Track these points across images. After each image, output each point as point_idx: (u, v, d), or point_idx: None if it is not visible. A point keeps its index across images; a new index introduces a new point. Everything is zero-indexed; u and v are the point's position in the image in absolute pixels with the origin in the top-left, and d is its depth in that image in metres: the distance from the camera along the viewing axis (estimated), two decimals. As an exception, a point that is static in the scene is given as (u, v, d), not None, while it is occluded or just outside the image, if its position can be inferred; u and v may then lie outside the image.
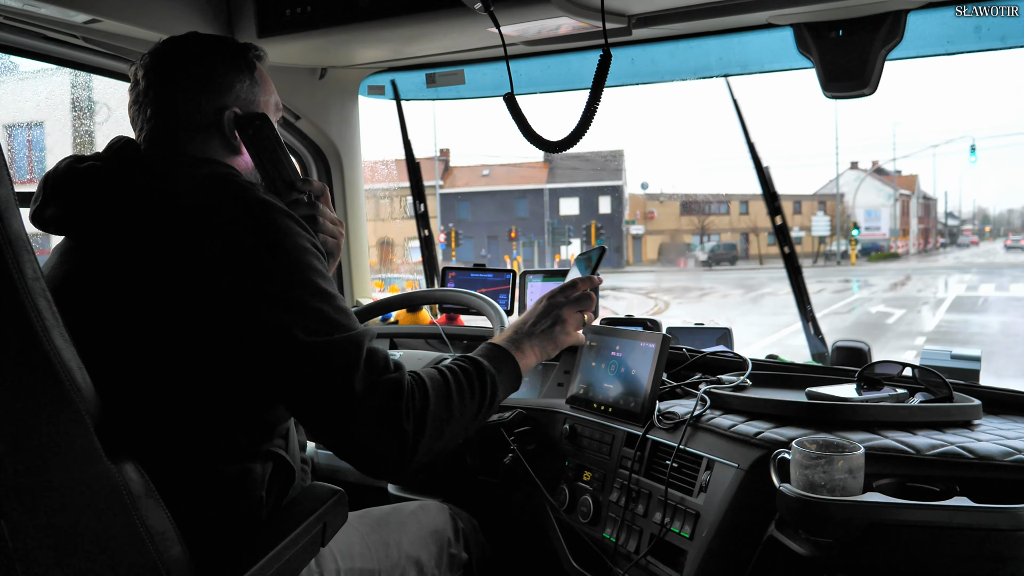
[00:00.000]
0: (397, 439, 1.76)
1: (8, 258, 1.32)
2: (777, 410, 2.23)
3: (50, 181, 1.87)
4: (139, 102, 2.00)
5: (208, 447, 1.77)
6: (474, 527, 2.57)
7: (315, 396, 1.72)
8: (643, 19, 2.72)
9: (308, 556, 1.89)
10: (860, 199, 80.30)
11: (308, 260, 1.78)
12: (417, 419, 1.80)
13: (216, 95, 1.99)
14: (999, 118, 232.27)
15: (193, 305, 1.69)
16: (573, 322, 2.28)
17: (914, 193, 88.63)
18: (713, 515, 2.11)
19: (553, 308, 2.27)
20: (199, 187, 1.78)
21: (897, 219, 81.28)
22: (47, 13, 2.56)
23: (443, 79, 3.67)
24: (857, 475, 1.80)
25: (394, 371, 1.80)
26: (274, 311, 1.70)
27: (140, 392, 1.71)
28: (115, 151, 1.92)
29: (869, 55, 2.56)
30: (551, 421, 2.80)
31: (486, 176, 66.09)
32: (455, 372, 1.98)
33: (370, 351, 1.78)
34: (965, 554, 1.71)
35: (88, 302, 1.75)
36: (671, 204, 72.94)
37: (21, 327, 1.35)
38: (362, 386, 1.72)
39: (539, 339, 2.22)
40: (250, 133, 2.01)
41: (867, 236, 78.50)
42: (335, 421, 1.73)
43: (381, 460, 1.78)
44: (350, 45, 3.22)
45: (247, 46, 2.08)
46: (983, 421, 2.20)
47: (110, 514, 1.48)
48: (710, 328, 3.48)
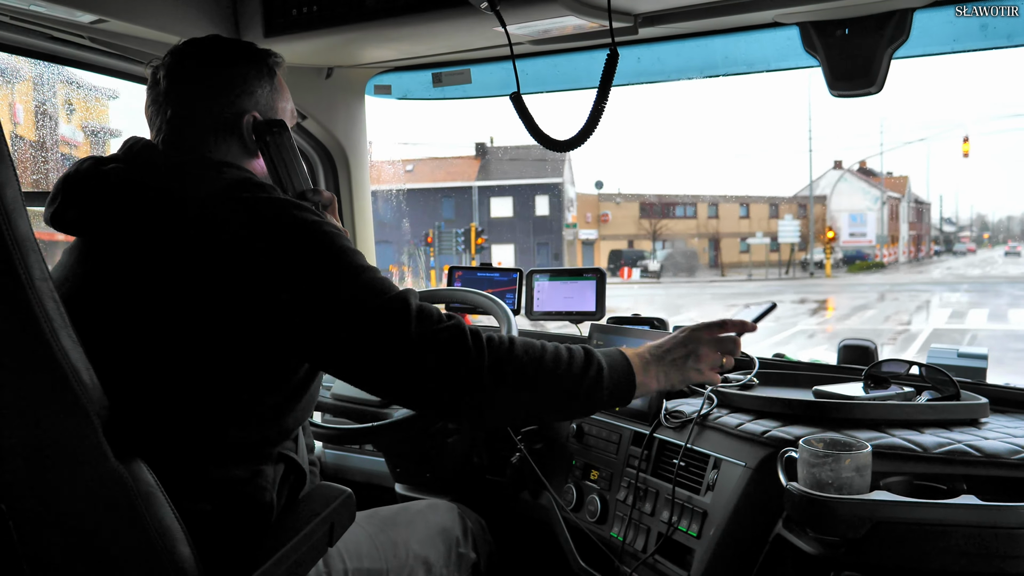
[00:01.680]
0: (474, 378, 1.75)
1: (16, 259, 1.32)
2: (784, 408, 2.23)
3: (71, 182, 1.85)
4: (158, 102, 1.99)
5: (218, 448, 1.77)
6: (482, 527, 2.57)
7: (372, 355, 1.73)
8: (649, 18, 2.72)
9: (316, 556, 1.89)
10: (845, 202, 74.31)
11: (341, 244, 1.78)
12: (492, 358, 1.78)
13: (237, 99, 1.99)
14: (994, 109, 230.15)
15: (216, 308, 1.70)
16: (708, 360, 2.11)
17: (904, 196, 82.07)
18: (720, 514, 2.11)
19: (692, 341, 2.11)
20: (223, 191, 1.78)
21: (885, 224, 72.84)
22: (53, 13, 2.56)
23: (449, 78, 3.67)
24: (864, 473, 1.80)
25: (450, 320, 1.79)
26: (326, 298, 1.71)
27: (151, 393, 1.71)
28: (135, 153, 1.91)
29: (875, 54, 2.56)
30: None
31: (410, 172, 54.34)
32: (557, 345, 1.92)
33: (420, 306, 1.78)
34: (972, 552, 1.71)
35: (107, 303, 1.76)
36: (629, 206, 65.36)
37: (29, 328, 1.35)
38: (419, 332, 1.72)
39: (667, 367, 2.07)
40: (267, 140, 2.01)
41: (851, 243, 72.47)
42: (405, 374, 1.74)
43: (459, 402, 1.78)
44: (356, 45, 3.21)
45: (268, 52, 2.08)
46: (990, 419, 2.20)
47: (118, 514, 1.49)
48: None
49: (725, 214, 68.49)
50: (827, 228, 51.48)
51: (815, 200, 67.55)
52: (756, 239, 61.42)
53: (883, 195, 73.06)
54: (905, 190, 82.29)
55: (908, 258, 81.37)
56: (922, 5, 2.50)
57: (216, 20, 3.00)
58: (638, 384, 2.00)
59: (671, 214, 66.70)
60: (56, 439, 1.43)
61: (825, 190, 72.74)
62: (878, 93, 2.63)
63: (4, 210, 1.29)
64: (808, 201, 66.58)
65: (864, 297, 36.69)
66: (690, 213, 67.52)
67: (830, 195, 72.34)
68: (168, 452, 1.67)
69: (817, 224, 62.92)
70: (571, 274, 3.45)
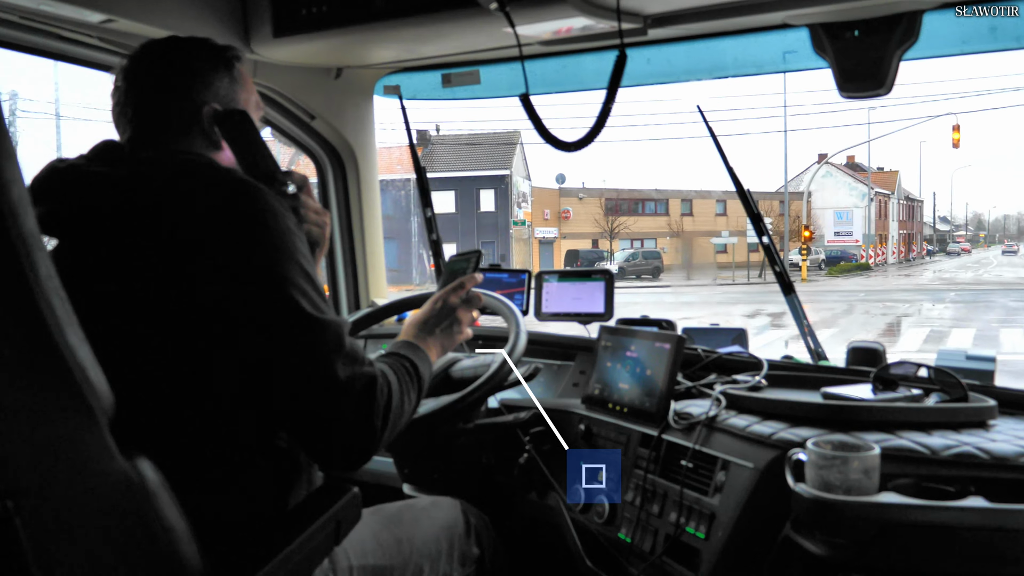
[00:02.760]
0: (370, 435, 1.81)
1: (22, 256, 1.32)
2: (792, 410, 2.23)
3: (34, 185, 1.87)
4: (120, 103, 2.00)
5: (221, 444, 1.77)
6: (486, 523, 2.57)
7: (300, 378, 1.74)
8: (658, 19, 2.72)
9: (322, 555, 1.89)
10: (829, 198, 70.13)
11: (293, 240, 1.79)
12: (383, 416, 1.84)
13: (195, 92, 1.99)
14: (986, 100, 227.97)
15: (189, 293, 1.70)
16: (466, 320, 2.36)
17: (894, 192, 78.12)
18: (728, 515, 2.11)
19: (448, 308, 2.32)
20: (179, 174, 1.80)
21: (872, 222, 67.97)
22: (62, 13, 2.57)
23: (459, 79, 3.67)
24: (872, 475, 1.80)
25: (368, 365, 1.84)
26: (262, 285, 1.73)
27: (150, 389, 1.71)
28: (97, 152, 1.93)
29: (885, 55, 2.56)
30: (567, 421, 2.80)
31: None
32: (403, 368, 2.03)
33: (350, 340, 1.82)
34: (980, 554, 1.71)
35: (84, 302, 1.76)
36: (594, 202, 59.98)
37: (35, 325, 1.35)
38: (344, 374, 1.75)
39: (439, 338, 2.28)
40: (228, 128, 2.02)
41: (836, 243, 68.83)
42: (319, 411, 1.76)
43: (350, 453, 1.82)
44: (365, 45, 3.22)
45: (225, 47, 2.09)
46: (998, 421, 2.20)
47: (124, 511, 1.49)
48: (725, 328, 3.47)
49: (701, 211, 64.63)
50: (803, 227, 45.62)
51: (798, 196, 61.19)
52: (721, 238, 55.85)
53: (871, 191, 69.53)
54: (895, 186, 78.94)
55: (898, 259, 77.69)
56: (932, 7, 2.50)
57: (225, 19, 3.01)
58: (432, 365, 2.22)
59: (640, 211, 62.76)
60: (62, 436, 1.43)
61: (809, 185, 64.11)
62: (887, 95, 2.63)
63: (10, 207, 1.29)
64: (795, 197, 60.88)
65: (831, 308, 30.38)
66: (661, 210, 63.68)
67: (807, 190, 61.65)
68: (171, 448, 1.67)
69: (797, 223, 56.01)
70: (580, 275, 3.46)
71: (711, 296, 39.54)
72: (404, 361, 2.06)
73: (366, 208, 4.19)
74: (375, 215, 4.26)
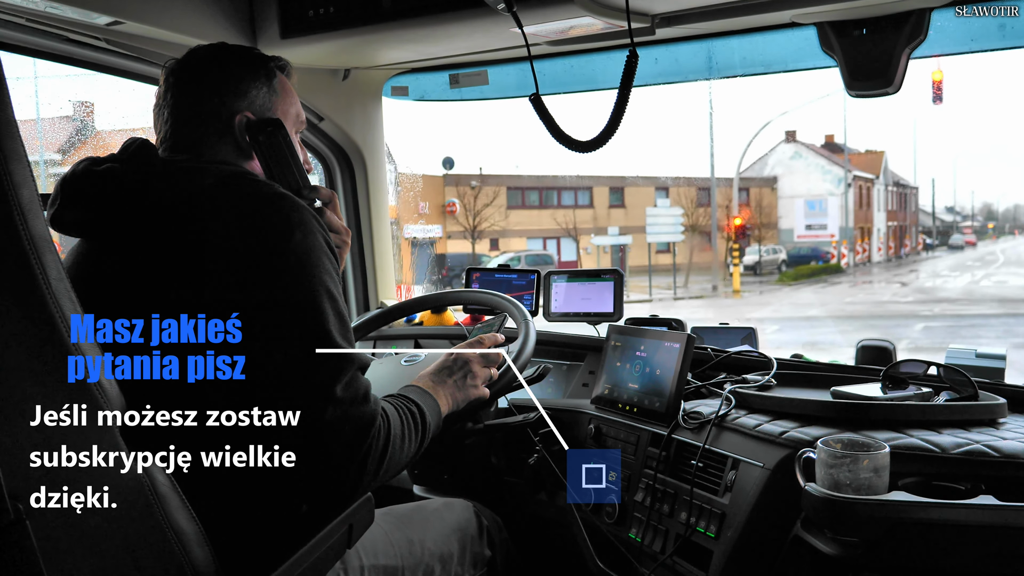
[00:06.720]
0: (358, 475, 1.82)
1: (32, 259, 1.32)
2: (802, 409, 2.23)
3: (68, 184, 1.87)
4: (159, 105, 2.03)
5: (235, 449, 1.77)
6: (498, 525, 2.57)
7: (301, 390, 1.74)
8: (666, 19, 2.72)
9: (335, 557, 1.89)
10: (800, 184, 56.10)
11: (320, 258, 1.80)
12: (379, 460, 1.84)
13: (230, 100, 2.00)
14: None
15: (214, 302, 1.70)
16: (482, 376, 2.30)
17: (880, 176, 61.59)
18: (739, 515, 2.11)
19: (465, 363, 2.29)
20: (215, 185, 1.81)
21: (850, 213, 54.69)
22: (70, 15, 2.57)
23: (467, 80, 3.67)
24: (882, 474, 1.79)
25: (372, 404, 1.83)
26: (283, 306, 1.74)
27: (163, 391, 1.71)
28: (131, 153, 1.92)
29: (893, 54, 2.56)
30: (576, 421, 2.80)
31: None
32: (407, 411, 2.01)
33: (355, 375, 1.81)
34: (991, 552, 1.71)
35: (108, 303, 1.76)
36: (492, 191, 43.18)
37: (46, 328, 1.36)
38: (344, 395, 1.76)
39: (451, 388, 2.23)
40: (260, 139, 2.02)
41: (808, 238, 54.68)
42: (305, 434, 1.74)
43: (337, 486, 1.82)
44: (373, 46, 3.22)
45: (271, 57, 2.10)
46: (1008, 419, 2.19)
47: (135, 514, 1.49)
48: (735, 328, 3.47)
49: (635, 201, 47.85)
50: (732, 218, 36.96)
51: (763, 183, 53.97)
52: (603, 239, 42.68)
53: (848, 175, 55.71)
54: (880, 169, 62.37)
55: (886, 255, 62.50)
56: (940, 5, 2.50)
57: (232, 21, 3.01)
58: (442, 415, 2.18)
59: (554, 202, 47.29)
60: (73, 438, 1.43)
61: (776, 169, 57.15)
62: (896, 93, 2.62)
63: (20, 210, 1.29)
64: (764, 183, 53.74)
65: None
66: (583, 201, 47.96)
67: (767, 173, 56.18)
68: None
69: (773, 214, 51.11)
70: (589, 275, 3.46)
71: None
72: (411, 405, 2.05)
73: (374, 209, 4.19)
74: (383, 216, 4.25)
